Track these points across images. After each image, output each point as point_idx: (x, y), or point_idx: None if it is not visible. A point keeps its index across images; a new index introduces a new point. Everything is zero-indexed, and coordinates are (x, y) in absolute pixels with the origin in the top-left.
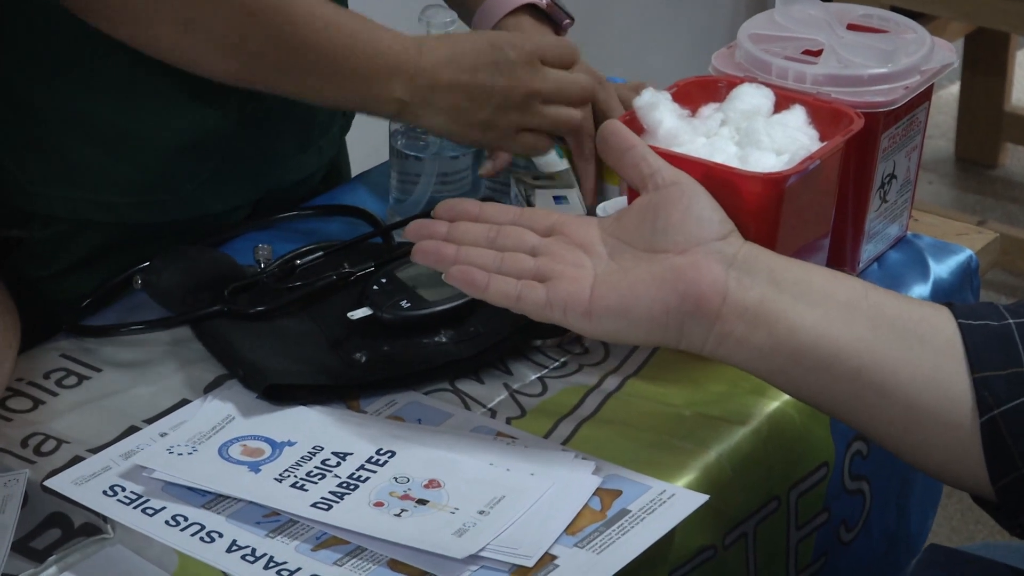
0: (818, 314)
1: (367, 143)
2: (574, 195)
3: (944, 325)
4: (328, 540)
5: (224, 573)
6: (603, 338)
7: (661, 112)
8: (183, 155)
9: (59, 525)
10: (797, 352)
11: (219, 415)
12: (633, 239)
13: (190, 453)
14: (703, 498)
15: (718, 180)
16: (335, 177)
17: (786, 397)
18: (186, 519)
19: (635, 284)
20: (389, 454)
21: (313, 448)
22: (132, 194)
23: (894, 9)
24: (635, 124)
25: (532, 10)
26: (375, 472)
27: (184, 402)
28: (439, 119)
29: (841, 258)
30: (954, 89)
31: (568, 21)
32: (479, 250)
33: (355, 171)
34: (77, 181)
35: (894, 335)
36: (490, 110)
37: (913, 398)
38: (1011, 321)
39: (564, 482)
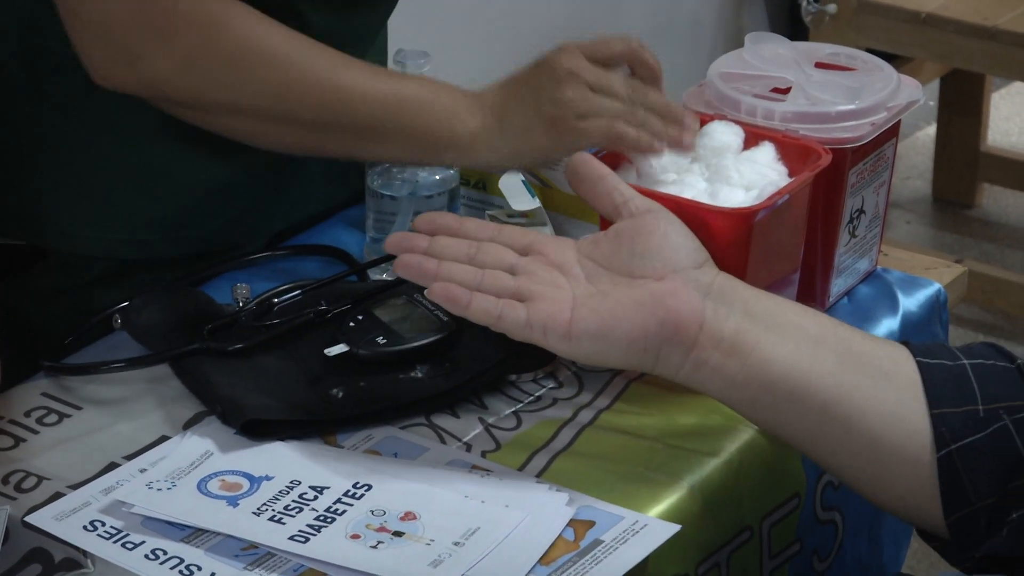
0: (789, 347)
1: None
2: (547, 232)
3: (904, 362)
4: (305, 572)
5: None
6: (580, 359)
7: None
8: (215, 194)
9: (40, 560)
10: (768, 383)
11: (198, 451)
12: (610, 263)
13: (169, 488)
14: (675, 528)
15: (688, 215)
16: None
17: (757, 429)
18: (165, 553)
19: (615, 308)
20: (366, 487)
21: (291, 482)
22: (164, 231)
23: (869, 51)
24: (618, 157)
25: None
26: (352, 505)
27: (164, 439)
28: (507, 139)
29: (811, 292)
30: (931, 130)
31: None
32: (460, 266)
33: None
34: (110, 222)
35: (860, 370)
36: (545, 102)
37: (877, 433)
38: (965, 361)
39: (538, 513)
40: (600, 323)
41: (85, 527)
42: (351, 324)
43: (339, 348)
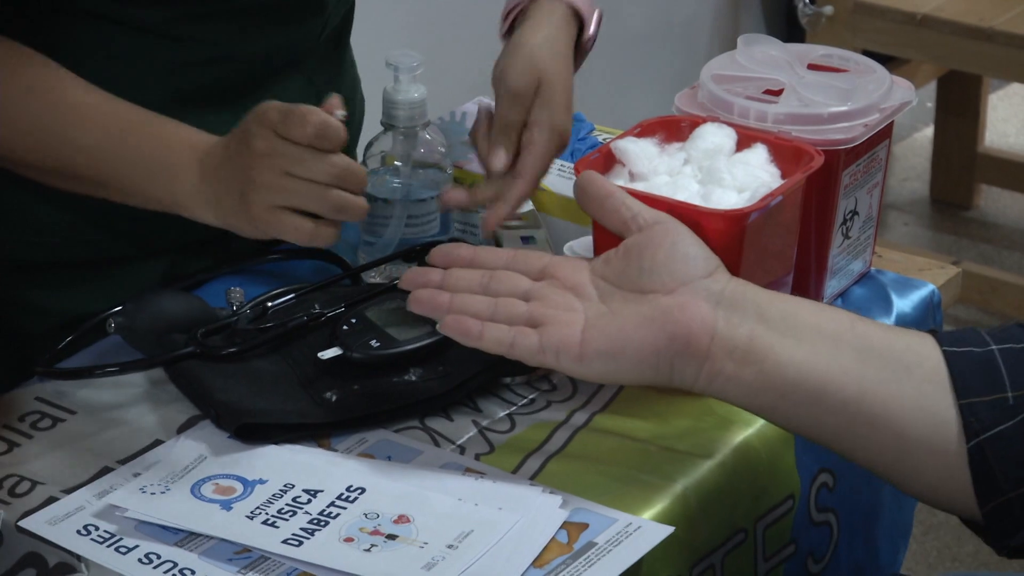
0: (806, 349)
1: None
2: (541, 235)
3: (929, 353)
4: None
5: None
6: (596, 380)
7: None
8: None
9: (34, 565)
10: (786, 387)
11: (192, 455)
12: (621, 280)
13: (163, 492)
14: (668, 530)
15: (681, 217)
16: None
17: (751, 430)
18: (159, 557)
19: (624, 327)
20: (359, 491)
21: (284, 486)
22: (61, 235)
23: (865, 53)
24: (609, 160)
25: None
26: (345, 508)
27: (157, 443)
28: (224, 210)
29: (805, 294)
30: (928, 132)
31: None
32: (473, 297)
33: None
34: (7, 223)
35: (881, 365)
36: (244, 183)
37: (902, 427)
38: (994, 347)
39: (531, 516)
40: (610, 343)
41: (79, 531)
42: (345, 327)
43: (333, 351)
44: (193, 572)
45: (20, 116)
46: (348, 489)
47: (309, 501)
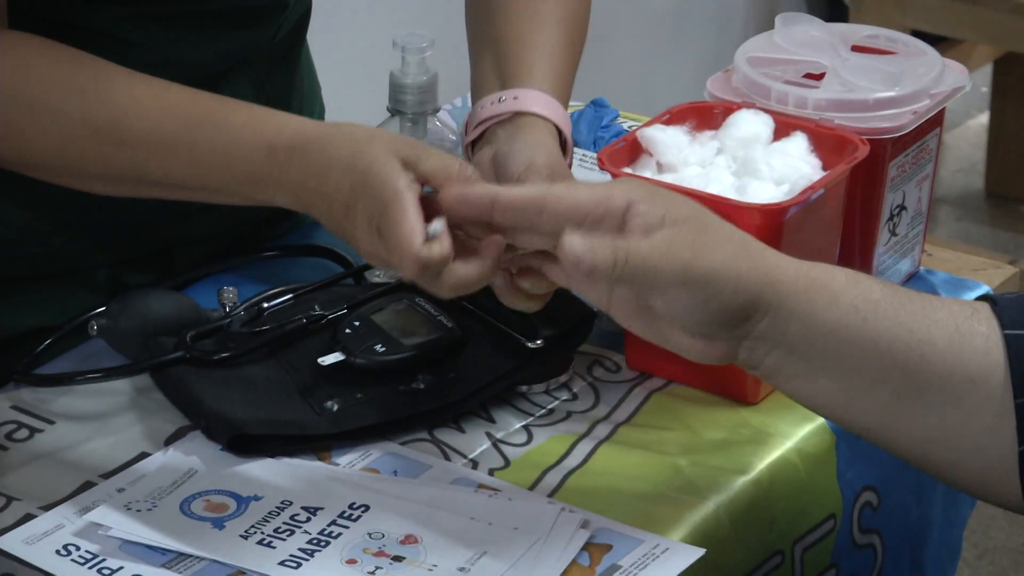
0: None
1: None
2: None
3: (991, 372)
4: None
5: None
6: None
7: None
8: (50, 209)
9: None
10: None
11: (180, 469)
12: None
13: (149, 509)
14: (699, 552)
15: (713, 211)
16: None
17: (789, 444)
18: None
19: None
20: (363, 508)
21: (281, 503)
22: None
23: (915, 33)
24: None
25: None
26: (348, 528)
27: (143, 455)
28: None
29: None
30: (983, 119)
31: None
32: None
33: None
34: None
35: (927, 407)
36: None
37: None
38: None
39: (550, 537)
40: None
41: (58, 551)
42: (347, 331)
43: (334, 357)
44: None
45: (72, 120)
46: (351, 507)
47: (308, 519)
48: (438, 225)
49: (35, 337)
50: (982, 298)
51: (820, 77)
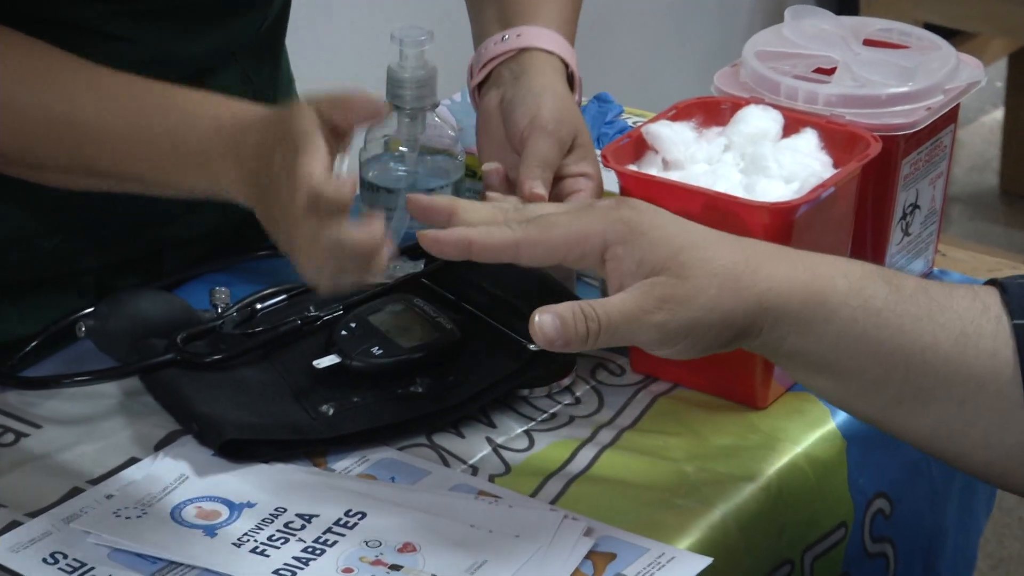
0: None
1: None
2: None
3: (1001, 369)
4: None
5: None
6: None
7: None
8: (37, 212)
9: None
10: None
11: (171, 474)
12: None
13: (139, 516)
14: (706, 561)
15: (721, 211)
16: None
17: (799, 449)
18: None
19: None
20: (359, 515)
21: (275, 510)
22: None
23: (927, 26)
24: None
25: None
26: (344, 535)
27: (133, 461)
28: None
29: None
30: (997, 115)
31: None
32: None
33: None
34: None
35: (936, 407)
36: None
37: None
38: None
39: (552, 545)
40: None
41: (45, 560)
42: (343, 332)
43: (330, 359)
44: None
45: (29, 109)
46: (347, 514)
47: (303, 527)
48: (341, 167)
49: (23, 346)
50: (991, 282)
51: (831, 72)
